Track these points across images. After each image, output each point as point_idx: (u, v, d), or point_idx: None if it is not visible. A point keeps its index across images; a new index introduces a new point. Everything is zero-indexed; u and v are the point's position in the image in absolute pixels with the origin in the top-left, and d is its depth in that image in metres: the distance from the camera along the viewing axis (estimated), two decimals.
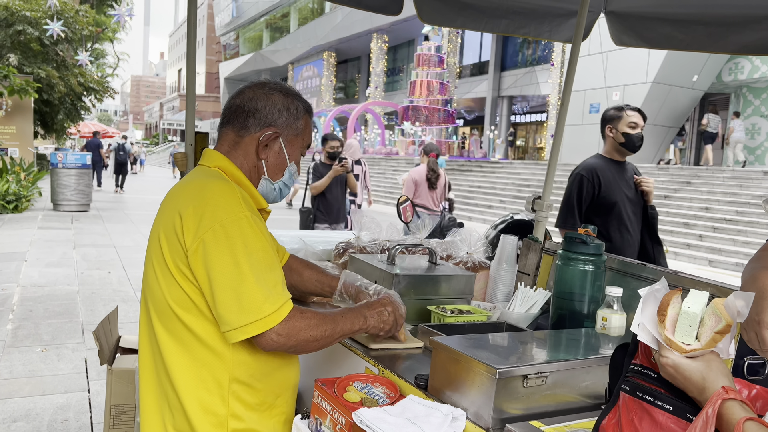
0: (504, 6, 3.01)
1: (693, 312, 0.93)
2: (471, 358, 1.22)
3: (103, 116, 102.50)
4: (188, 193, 1.37)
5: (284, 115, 1.49)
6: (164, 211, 1.40)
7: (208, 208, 1.31)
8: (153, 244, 1.41)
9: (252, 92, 1.50)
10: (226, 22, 59.36)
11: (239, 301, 1.27)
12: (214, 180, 1.38)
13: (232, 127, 1.50)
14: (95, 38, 29.50)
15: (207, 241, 1.29)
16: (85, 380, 3.96)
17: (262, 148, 1.48)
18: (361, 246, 2.18)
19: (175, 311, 1.35)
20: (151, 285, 1.40)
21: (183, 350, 1.36)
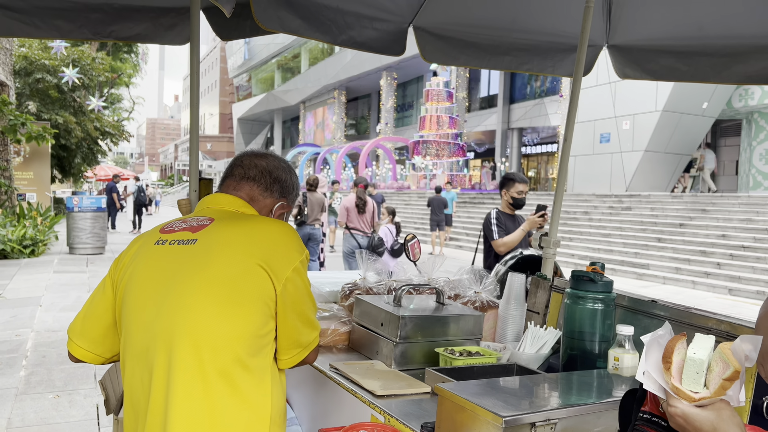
0: (506, 43, 3.04)
1: (699, 358, 0.90)
2: (476, 406, 1.19)
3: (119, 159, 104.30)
4: (262, 239, 1.43)
5: (293, 194, 1.68)
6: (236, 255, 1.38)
7: (286, 251, 1.44)
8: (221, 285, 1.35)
9: (276, 162, 1.66)
10: (238, 64, 60.63)
11: (311, 323, 1.47)
12: (274, 222, 1.52)
13: (257, 185, 1.60)
14: (111, 84, 30.26)
15: (291, 279, 1.41)
16: (96, 427, 3.93)
17: (275, 214, 1.63)
18: (368, 287, 2.16)
19: (236, 350, 1.32)
20: (207, 326, 1.32)
21: (234, 392, 1.32)
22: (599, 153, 20.74)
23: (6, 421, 3.95)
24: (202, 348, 1.32)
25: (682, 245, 12.82)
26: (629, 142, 19.47)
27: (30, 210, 14.35)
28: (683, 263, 12.09)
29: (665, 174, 19.60)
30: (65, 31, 2.67)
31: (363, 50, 2.84)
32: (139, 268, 1.43)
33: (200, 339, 1.32)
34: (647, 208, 15.63)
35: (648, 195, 16.56)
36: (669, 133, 18.80)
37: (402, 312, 1.87)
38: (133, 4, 2.70)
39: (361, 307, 2.03)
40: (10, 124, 12.66)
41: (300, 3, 2.53)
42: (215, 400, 1.31)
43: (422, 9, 2.91)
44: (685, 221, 13.98)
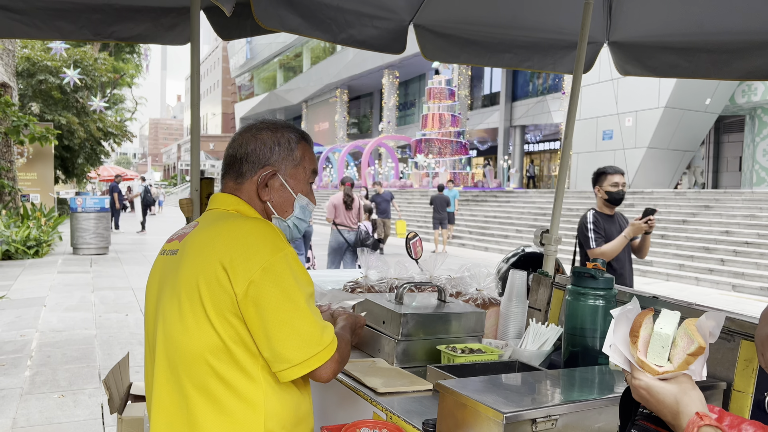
0: (507, 41, 3.03)
1: (665, 333, 0.93)
2: (477, 402, 1.19)
3: (122, 159, 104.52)
4: (226, 240, 1.30)
5: (276, 151, 1.44)
6: (198, 260, 1.31)
7: (251, 250, 1.27)
8: (186, 294, 1.30)
9: (240, 138, 1.47)
10: (240, 63, 60.70)
11: (300, 335, 1.25)
12: (247, 220, 1.35)
13: (229, 177, 1.47)
14: (114, 84, 30.35)
15: (257, 282, 1.24)
16: (101, 427, 3.94)
17: (262, 190, 1.44)
18: (369, 285, 2.17)
19: (210, 363, 1.27)
20: (177, 339, 1.30)
21: (214, 406, 1.28)
22: (602, 150, 20.72)
23: (11, 421, 3.97)
24: (177, 362, 1.30)
25: (686, 242, 12.79)
26: (632, 139, 19.44)
27: (34, 211, 14.40)
28: (687, 260, 12.07)
29: (668, 170, 19.57)
30: (66, 32, 2.68)
31: (363, 48, 2.84)
32: (149, 278, 1.49)
33: (173, 353, 1.31)
34: (650, 204, 15.60)
35: (651, 191, 16.53)
36: (672, 130, 18.76)
37: (403, 310, 1.87)
38: (133, 4, 2.71)
39: (364, 305, 2.03)
40: (14, 126, 12.70)
41: (300, 1, 2.53)
42: (197, 417, 1.28)
43: (422, 7, 2.90)
44: (688, 218, 13.95)
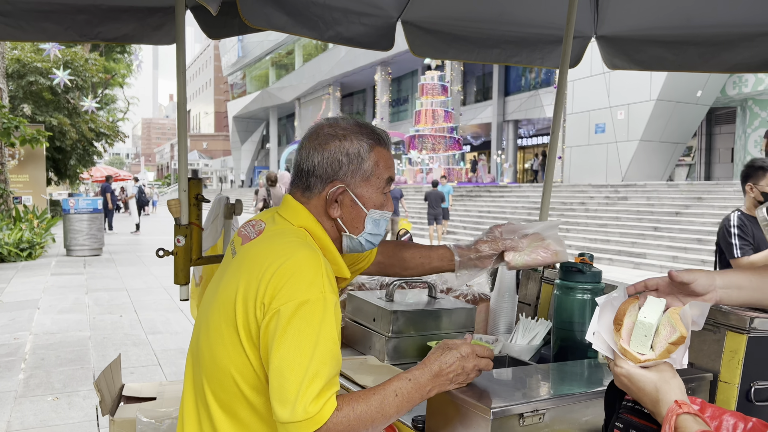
0: (494, 36, 3.04)
1: (649, 322, 0.94)
2: (465, 398, 1.20)
3: (115, 159, 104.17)
4: (273, 258, 1.20)
5: (344, 163, 1.32)
6: (243, 269, 1.24)
7: (291, 281, 1.16)
8: (225, 302, 1.23)
9: (308, 146, 1.35)
10: (232, 62, 60.50)
11: (285, 392, 1.10)
12: (303, 248, 1.23)
13: (297, 188, 1.37)
14: (105, 84, 30.20)
15: (281, 314, 1.14)
16: (96, 428, 3.93)
17: (331, 207, 1.33)
18: (360, 283, 2.17)
19: (238, 384, 1.21)
20: (215, 349, 1.23)
21: (237, 424, 1.23)
22: (594, 143, 20.76)
23: (6, 424, 3.96)
24: (206, 369, 1.25)
25: (679, 233, 12.86)
26: (624, 132, 19.50)
27: (26, 213, 14.33)
28: (680, 251, 12.13)
29: (661, 163, 19.63)
30: (52, 33, 2.66)
31: (351, 45, 2.84)
32: (219, 267, 1.42)
33: (207, 359, 1.26)
34: (643, 197, 15.66)
35: (644, 184, 16.59)
36: (664, 122, 18.82)
37: (394, 307, 1.88)
38: (119, 4, 2.69)
39: (354, 303, 2.04)
40: (4, 128, 12.62)
41: (287, 0, 2.53)
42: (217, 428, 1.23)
43: (410, 3, 2.90)
44: (681, 209, 14.02)
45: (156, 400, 2.19)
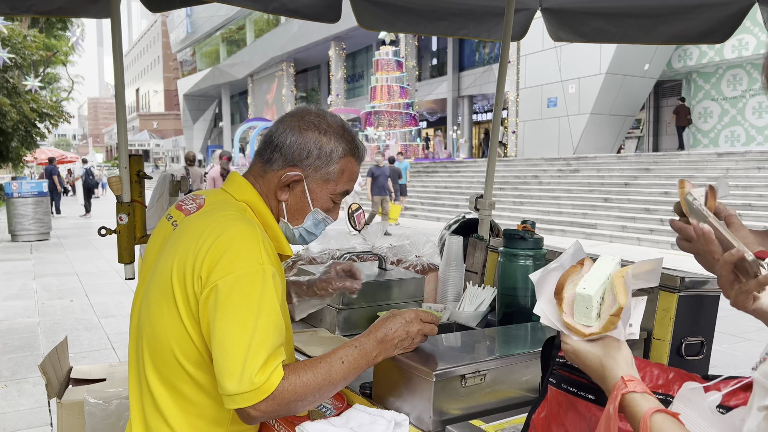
0: (441, 8, 3.03)
1: (587, 294, 0.85)
2: (409, 363, 1.23)
3: (61, 141, 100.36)
4: (209, 232, 1.20)
5: (313, 156, 1.32)
6: (180, 242, 1.23)
7: (226, 255, 1.16)
8: (163, 278, 1.23)
9: (288, 122, 1.35)
10: (181, 38, 58.67)
11: (230, 365, 1.11)
12: (238, 222, 1.23)
13: (260, 158, 1.37)
14: (47, 63, 28.90)
15: (220, 289, 1.14)
16: (47, 414, 3.86)
17: (281, 189, 1.34)
18: (311, 257, 2.18)
19: (178, 359, 1.21)
20: (155, 321, 1.23)
21: (178, 398, 1.24)
22: (547, 117, 21.09)
23: None
24: (146, 343, 1.26)
25: (628, 204, 13.25)
26: (575, 106, 19.85)
27: None
28: (629, 221, 12.52)
29: (611, 135, 20.10)
30: None
31: (296, 17, 2.80)
32: (149, 242, 1.39)
33: (147, 333, 1.25)
34: (594, 169, 16.04)
35: (594, 156, 16.99)
36: (613, 95, 19.23)
37: None
38: None
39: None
40: None
41: None
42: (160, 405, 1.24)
43: None
44: (630, 180, 14.43)
45: (106, 381, 2.16)
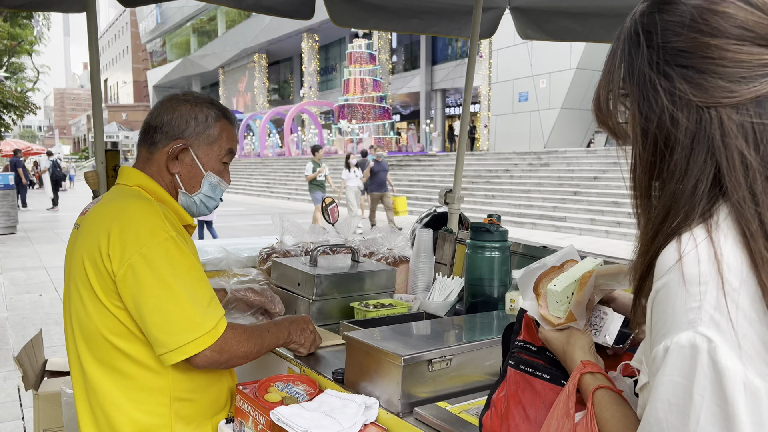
0: (413, 6, 3.10)
1: (556, 290, 0.98)
2: (379, 349, 1.30)
3: (26, 132, 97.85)
4: (110, 217, 1.33)
5: (191, 125, 1.45)
6: (86, 235, 1.36)
7: (131, 232, 1.28)
8: (77, 269, 1.35)
9: (160, 107, 1.48)
10: (150, 28, 57.66)
11: (175, 322, 1.25)
12: (135, 200, 1.35)
13: (143, 145, 1.48)
14: (11, 52, 28.18)
15: (135, 265, 1.26)
16: (18, 408, 3.84)
17: (171, 162, 1.45)
18: (285, 250, 2.22)
19: (108, 339, 1.32)
20: (78, 312, 1.36)
21: (116, 376, 1.34)
22: (518, 111, 21.33)
23: None
24: (80, 337, 1.37)
25: (597, 197, 13.52)
26: (546, 100, 20.12)
27: None
28: (597, 214, 12.78)
29: (580, 130, 20.43)
30: None
31: (270, 14, 2.84)
32: (65, 253, 1.49)
33: (77, 328, 1.37)
34: (564, 163, 16.30)
35: (564, 151, 17.26)
36: (583, 90, 19.54)
37: (317, 271, 1.95)
38: None
39: (279, 269, 2.09)
40: None
41: None
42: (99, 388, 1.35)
43: None
44: (598, 174, 14.71)
45: None
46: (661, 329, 0.66)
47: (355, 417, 1.25)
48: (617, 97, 0.77)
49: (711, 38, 0.68)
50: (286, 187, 24.61)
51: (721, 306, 0.62)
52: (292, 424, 1.23)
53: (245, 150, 33.92)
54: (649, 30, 0.73)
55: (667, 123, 0.70)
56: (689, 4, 0.70)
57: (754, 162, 0.66)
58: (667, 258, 0.67)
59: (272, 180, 26.56)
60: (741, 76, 0.67)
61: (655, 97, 0.71)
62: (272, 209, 18.80)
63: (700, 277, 0.64)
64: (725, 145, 0.67)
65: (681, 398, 0.63)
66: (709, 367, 0.61)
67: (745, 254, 0.64)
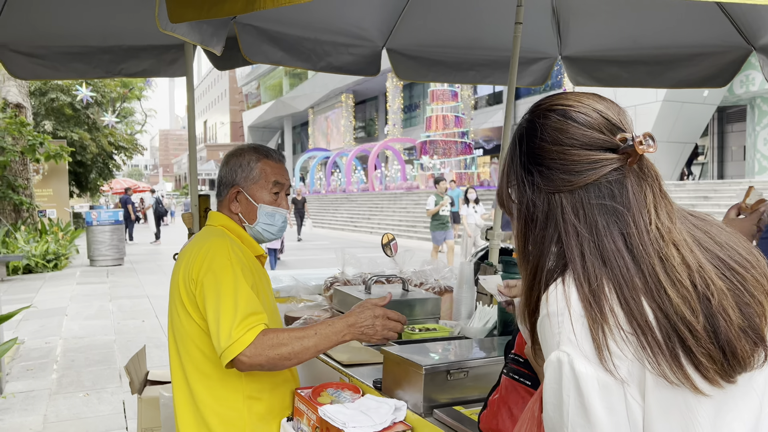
0: (469, 60, 3.41)
1: None
2: (406, 359, 1.57)
3: (134, 171, 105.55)
4: (196, 251, 1.70)
5: (238, 172, 1.82)
6: (180, 264, 1.74)
7: (206, 261, 1.65)
8: (175, 292, 1.74)
9: (220, 164, 1.89)
10: (246, 72, 61.31)
11: (218, 332, 1.56)
12: (214, 238, 1.73)
13: (217, 197, 1.91)
14: (123, 98, 30.96)
15: (204, 283, 1.63)
16: (123, 419, 4.35)
17: (233, 204, 1.84)
18: (346, 279, 2.55)
19: (197, 345, 1.69)
20: (176, 325, 1.74)
21: (202, 377, 1.71)
22: None
23: (42, 417, 4.39)
24: (178, 342, 1.74)
25: None
26: None
27: (51, 225, 14.93)
28: None
29: (669, 163, 19.75)
30: (81, 71, 3.08)
31: (341, 73, 3.23)
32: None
33: (177, 335, 1.75)
34: None
35: None
36: (671, 123, 18.97)
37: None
38: (138, 44, 3.10)
39: (339, 296, 2.41)
40: (29, 145, 13.23)
41: (281, 37, 2.92)
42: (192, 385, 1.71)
43: (392, 34, 3.29)
44: (687, 209, 14.17)
45: None
46: (544, 350, 0.92)
47: (385, 416, 1.53)
48: (508, 187, 1.04)
49: (553, 146, 0.95)
50: (369, 222, 25.25)
51: (570, 330, 0.87)
52: (334, 419, 1.52)
53: (332, 186, 35.13)
54: (520, 139, 1.01)
55: (531, 206, 0.98)
56: (539, 122, 0.98)
57: (583, 230, 0.92)
58: (542, 301, 0.93)
59: (356, 215, 27.33)
60: (575, 170, 0.94)
61: (523, 187, 0.99)
62: (355, 243, 19.36)
63: (558, 312, 0.89)
64: (564, 220, 0.93)
65: (557, 398, 0.88)
66: (570, 373, 0.86)
67: (580, 293, 0.89)
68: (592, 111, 0.97)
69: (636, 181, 0.95)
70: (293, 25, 2.92)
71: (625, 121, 0.98)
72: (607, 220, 0.92)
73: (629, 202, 0.93)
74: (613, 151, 0.94)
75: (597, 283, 0.89)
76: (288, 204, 1.92)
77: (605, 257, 0.91)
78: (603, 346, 0.86)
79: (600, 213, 0.92)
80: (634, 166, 0.95)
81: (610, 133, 0.95)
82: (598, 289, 0.89)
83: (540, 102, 1.03)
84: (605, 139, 0.95)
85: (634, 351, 0.86)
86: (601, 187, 0.93)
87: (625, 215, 0.92)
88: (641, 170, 0.96)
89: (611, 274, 0.90)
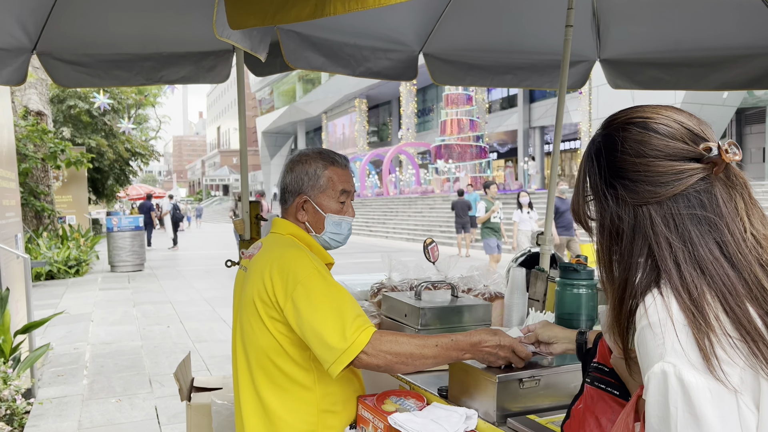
0: (506, 64, 3.39)
1: None
2: (477, 369, 1.55)
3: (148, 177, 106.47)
4: (270, 262, 1.65)
5: (305, 180, 1.78)
6: (253, 277, 1.68)
7: (290, 275, 1.59)
8: (247, 304, 1.68)
9: (284, 171, 1.84)
10: (259, 78, 61.63)
11: (328, 338, 1.50)
12: (289, 249, 1.68)
13: (281, 205, 1.85)
14: (139, 105, 31.25)
15: (296, 299, 1.56)
16: (157, 425, 4.36)
17: (299, 213, 1.81)
18: (393, 285, 2.53)
19: (271, 358, 1.65)
20: (250, 337, 1.68)
21: (276, 390, 1.68)
22: None
23: (77, 423, 4.41)
24: (250, 355, 1.69)
25: None
26: None
27: (72, 232, 15.07)
28: None
29: None
30: (123, 78, 3.11)
31: (379, 78, 3.22)
32: (234, 288, 1.88)
33: (248, 348, 1.70)
34: None
35: None
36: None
37: (422, 304, 2.23)
38: (178, 51, 3.12)
39: (388, 302, 2.39)
40: (50, 152, 13.37)
41: (322, 43, 2.92)
42: (265, 398, 1.68)
43: (429, 38, 3.28)
44: None
45: (222, 389, 2.58)
46: (644, 362, 0.90)
47: (457, 425, 1.51)
48: (585, 202, 1.04)
49: (636, 158, 0.95)
50: (384, 226, 25.24)
51: (675, 340, 0.85)
52: (407, 427, 1.50)
53: None
54: (598, 154, 1.01)
55: (615, 219, 0.97)
56: (619, 135, 0.98)
57: (676, 241, 0.91)
58: (639, 313, 0.91)
59: (371, 219, 27.34)
60: (661, 181, 0.93)
61: (605, 201, 0.99)
62: (371, 248, 19.37)
63: (660, 322, 0.87)
64: (655, 232, 0.93)
65: (662, 410, 0.86)
66: (677, 384, 0.84)
67: (680, 303, 0.88)
68: (673, 122, 0.96)
69: (724, 189, 0.94)
70: (335, 30, 2.92)
71: (708, 130, 0.98)
72: (701, 230, 0.92)
73: (720, 210, 0.92)
74: (698, 160, 0.94)
75: (698, 292, 0.88)
76: (353, 211, 1.89)
77: (703, 266, 0.90)
78: (711, 354, 0.84)
79: (692, 223, 0.92)
80: (720, 174, 0.94)
81: (693, 143, 0.95)
82: (699, 297, 0.88)
83: (614, 116, 1.02)
84: (689, 149, 0.94)
85: (745, 358, 0.85)
86: (689, 197, 0.93)
87: (718, 224, 0.92)
88: (728, 178, 0.95)
89: (712, 283, 0.89)
